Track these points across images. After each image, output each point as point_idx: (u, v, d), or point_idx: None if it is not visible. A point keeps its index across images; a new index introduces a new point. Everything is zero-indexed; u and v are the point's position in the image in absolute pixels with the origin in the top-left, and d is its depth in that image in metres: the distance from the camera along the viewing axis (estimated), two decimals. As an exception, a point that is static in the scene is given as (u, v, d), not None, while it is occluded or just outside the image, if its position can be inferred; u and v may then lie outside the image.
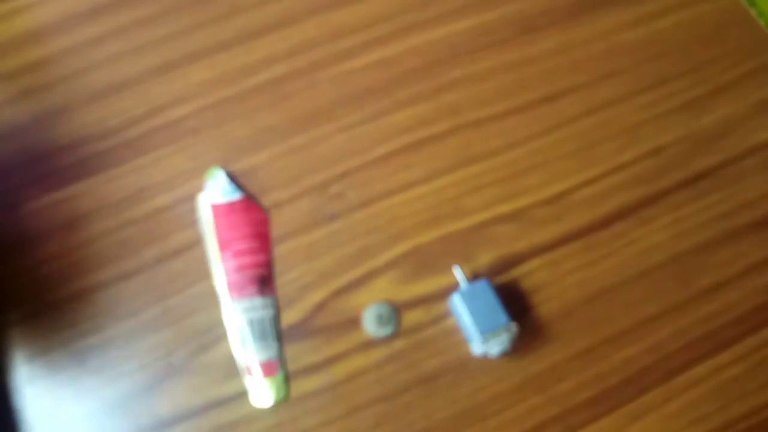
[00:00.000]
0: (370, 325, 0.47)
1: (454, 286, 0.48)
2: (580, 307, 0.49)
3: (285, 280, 0.49)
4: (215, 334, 0.47)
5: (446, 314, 0.48)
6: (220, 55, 0.55)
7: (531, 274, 0.49)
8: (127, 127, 0.52)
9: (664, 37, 0.58)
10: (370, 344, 0.47)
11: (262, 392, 0.46)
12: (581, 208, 0.51)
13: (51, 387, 0.45)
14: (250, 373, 0.46)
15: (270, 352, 0.46)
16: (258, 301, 0.47)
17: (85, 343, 0.46)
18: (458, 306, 0.46)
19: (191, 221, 0.50)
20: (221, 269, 0.48)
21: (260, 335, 0.46)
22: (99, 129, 0.52)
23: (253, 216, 0.50)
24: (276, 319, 0.47)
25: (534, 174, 0.52)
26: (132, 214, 0.50)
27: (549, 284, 0.49)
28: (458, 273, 0.48)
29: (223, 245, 0.49)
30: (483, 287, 0.46)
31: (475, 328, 0.45)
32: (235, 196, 0.50)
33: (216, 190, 0.50)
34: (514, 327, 0.45)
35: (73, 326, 0.47)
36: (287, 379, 0.46)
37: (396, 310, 0.48)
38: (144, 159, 0.51)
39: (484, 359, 0.47)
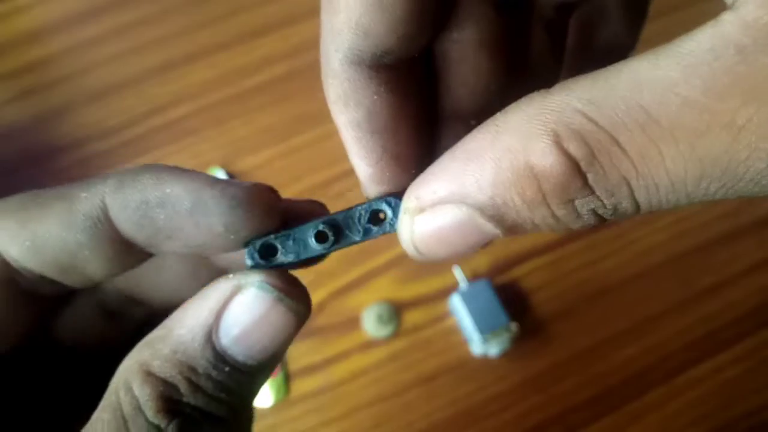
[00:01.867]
0: (370, 325, 0.47)
1: (454, 286, 0.48)
2: (580, 307, 0.49)
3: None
4: (215, 334, 0.47)
5: (446, 314, 0.48)
6: (220, 55, 0.55)
7: (531, 274, 0.49)
8: (127, 127, 0.52)
9: (664, 37, 0.58)
10: (370, 344, 0.47)
11: (262, 392, 0.45)
12: (581, 208, 0.51)
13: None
14: (250, 373, 0.46)
15: (270, 352, 0.46)
16: (258, 301, 0.47)
17: (85, 343, 0.46)
18: (458, 306, 0.46)
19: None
20: (221, 269, 0.48)
21: (260, 335, 0.46)
22: (99, 129, 0.52)
23: (253, 216, 0.50)
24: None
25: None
26: (132, 214, 0.50)
27: (549, 284, 0.49)
28: (458, 273, 0.48)
29: (223, 245, 0.48)
30: (483, 287, 0.46)
31: (475, 328, 0.45)
32: (235, 196, 0.50)
33: (216, 190, 0.50)
34: (514, 327, 0.45)
35: (73, 326, 0.47)
36: (287, 379, 0.46)
37: (396, 310, 0.48)
38: (144, 159, 0.51)
39: (484, 359, 0.47)
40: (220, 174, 0.50)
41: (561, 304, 0.49)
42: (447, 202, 0.15)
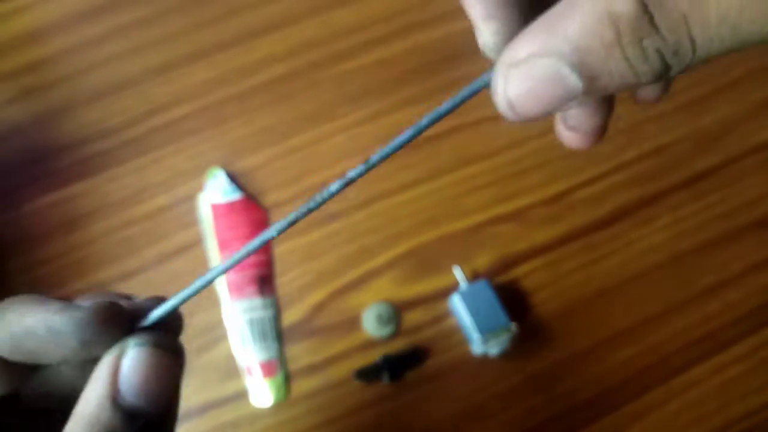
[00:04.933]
0: (370, 325, 0.47)
1: (454, 286, 0.48)
2: (580, 307, 0.49)
3: (285, 280, 0.49)
4: (215, 334, 0.47)
5: (446, 314, 0.48)
6: (220, 55, 0.55)
7: (531, 274, 0.49)
8: (127, 127, 0.52)
9: None
10: (370, 344, 0.47)
11: (262, 392, 0.46)
12: (581, 208, 0.51)
13: (51, 387, 0.45)
14: (250, 373, 0.46)
15: (270, 352, 0.46)
16: (258, 301, 0.47)
17: (85, 343, 0.46)
18: (458, 306, 0.46)
19: (191, 221, 0.50)
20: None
21: (260, 335, 0.46)
22: (99, 129, 0.52)
23: (253, 216, 0.50)
24: (276, 319, 0.47)
25: (534, 174, 0.52)
26: (132, 214, 0.50)
27: (549, 284, 0.49)
28: (458, 273, 0.48)
29: (223, 245, 0.49)
30: (483, 287, 0.46)
31: (475, 328, 0.45)
32: (235, 196, 0.50)
33: (216, 190, 0.50)
34: (514, 327, 0.45)
35: (73, 326, 0.47)
36: (287, 379, 0.46)
37: (396, 310, 0.48)
38: (144, 159, 0.51)
39: (484, 359, 0.47)
40: (220, 174, 0.50)
41: (561, 304, 0.49)
42: (538, 56, 0.17)
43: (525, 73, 0.17)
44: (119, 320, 0.21)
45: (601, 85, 0.17)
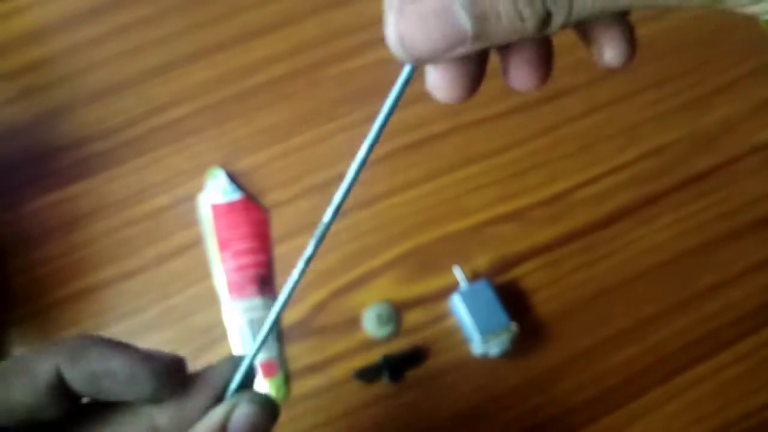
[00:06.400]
0: (370, 325, 0.47)
1: (454, 286, 0.48)
2: (580, 307, 0.49)
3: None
4: (215, 334, 0.47)
5: (446, 314, 0.48)
6: (220, 55, 0.55)
7: (531, 274, 0.49)
8: (127, 127, 0.52)
9: (664, 37, 0.58)
10: (370, 344, 0.47)
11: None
12: (581, 208, 0.51)
13: (51, 387, 0.45)
14: (250, 373, 0.46)
15: (270, 352, 0.46)
16: (258, 301, 0.47)
17: (85, 343, 0.46)
18: (458, 306, 0.46)
19: (191, 221, 0.50)
20: (221, 269, 0.48)
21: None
22: (99, 129, 0.52)
23: (253, 216, 0.50)
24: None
25: (534, 174, 0.52)
26: (132, 214, 0.50)
27: (549, 284, 0.49)
28: (458, 273, 0.48)
29: (223, 245, 0.49)
30: (483, 287, 0.46)
31: (475, 328, 0.45)
32: (235, 196, 0.50)
33: (216, 190, 0.50)
34: (514, 327, 0.45)
35: (74, 326, 0.47)
36: (287, 379, 0.46)
37: (396, 310, 0.48)
38: (144, 159, 0.51)
39: (484, 359, 0.47)
40: (220, 174, 0.50)
41: (561, 304, 0.49)
42: None
43: (418, 8, 0.18)
44: (185, 376, 0.24)
45: (490, 30, 0.18)
